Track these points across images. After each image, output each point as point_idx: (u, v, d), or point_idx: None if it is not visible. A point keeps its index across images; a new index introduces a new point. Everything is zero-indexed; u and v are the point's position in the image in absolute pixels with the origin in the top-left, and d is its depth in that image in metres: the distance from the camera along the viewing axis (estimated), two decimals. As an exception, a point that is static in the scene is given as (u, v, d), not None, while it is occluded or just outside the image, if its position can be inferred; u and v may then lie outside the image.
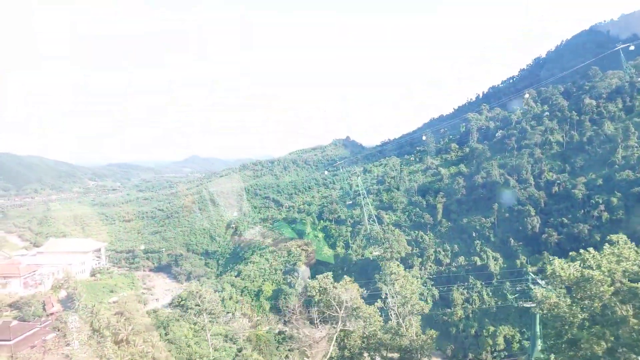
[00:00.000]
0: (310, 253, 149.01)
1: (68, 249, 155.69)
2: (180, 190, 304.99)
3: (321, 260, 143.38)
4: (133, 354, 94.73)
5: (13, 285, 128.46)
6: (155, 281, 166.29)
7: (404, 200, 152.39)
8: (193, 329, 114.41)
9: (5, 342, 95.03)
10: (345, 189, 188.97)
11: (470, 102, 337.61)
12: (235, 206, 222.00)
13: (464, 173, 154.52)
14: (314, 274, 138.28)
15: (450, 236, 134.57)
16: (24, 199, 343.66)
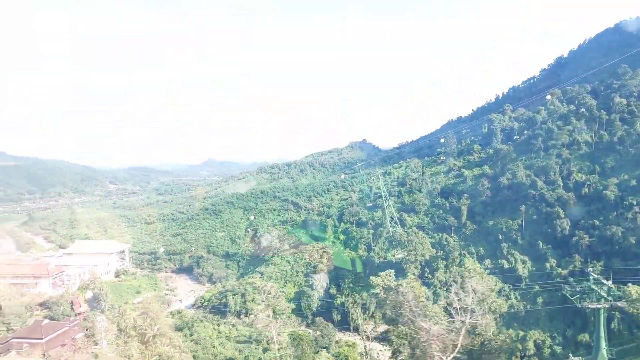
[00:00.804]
0: (331, 255, 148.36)
1: (93, 250, 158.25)
2: (198, 193, 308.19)
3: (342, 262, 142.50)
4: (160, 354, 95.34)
5: (42, 286, 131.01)
6: (177, 282, 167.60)
7: (426, 203, 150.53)
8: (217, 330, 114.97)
9: (37, 340, 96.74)
10: (365, 191, 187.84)
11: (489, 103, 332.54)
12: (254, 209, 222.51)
13: (488, 174, 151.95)
14: (336, 276, 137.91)
15: (475, 239, 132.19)
16: (49, 202, 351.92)
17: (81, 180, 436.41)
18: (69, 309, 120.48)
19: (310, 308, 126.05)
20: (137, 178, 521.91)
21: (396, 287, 44.26)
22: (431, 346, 33.39)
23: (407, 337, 41.12)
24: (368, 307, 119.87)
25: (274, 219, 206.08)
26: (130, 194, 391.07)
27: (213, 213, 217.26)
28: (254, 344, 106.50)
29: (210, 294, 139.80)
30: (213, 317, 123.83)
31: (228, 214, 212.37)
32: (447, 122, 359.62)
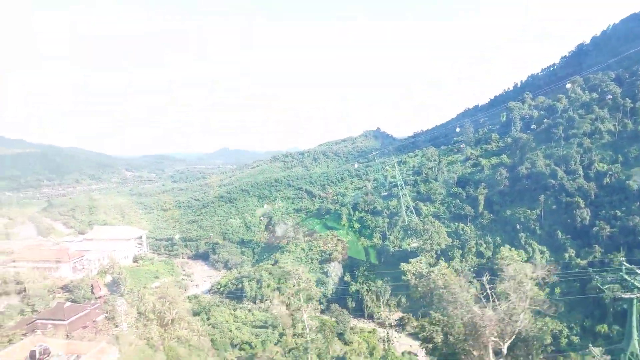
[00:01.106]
0: (345, 244, 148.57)
1: (112, 236, 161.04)
2: (213, 181, 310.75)
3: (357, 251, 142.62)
4: (179, 337, 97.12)
5: (63, 270, 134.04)
6: (193, 268, 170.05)
7: (442, 192, 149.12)
8: (233, 315, 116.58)
9: (60, 321, 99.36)
10: (380, 180, 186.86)
11: (507, 91, 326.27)
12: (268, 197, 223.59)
13: (506, 164, 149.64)
14: (351, 264, 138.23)
15: (492, 228, 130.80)
16: (67, 189, 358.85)
17: (97, 168, 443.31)
18: (90, 292, 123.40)
19: (325, 295, 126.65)
20: (152, 166, 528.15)
21: (428, 273, 43.88)
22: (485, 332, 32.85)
23: (440, 324, 40.84)
24: (383, 295, 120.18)
25: (288, 207, 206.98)
26: (146, 181, 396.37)
27: (228, 201, 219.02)
28: (270, 328, 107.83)
29: (227, 280, 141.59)
30: (229, 302, 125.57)
31: (243, 202, 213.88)
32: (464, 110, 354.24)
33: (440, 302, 41.73)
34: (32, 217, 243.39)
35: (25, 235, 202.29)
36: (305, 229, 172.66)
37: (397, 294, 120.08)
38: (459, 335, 39.24)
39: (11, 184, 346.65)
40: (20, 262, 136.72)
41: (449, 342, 39.78)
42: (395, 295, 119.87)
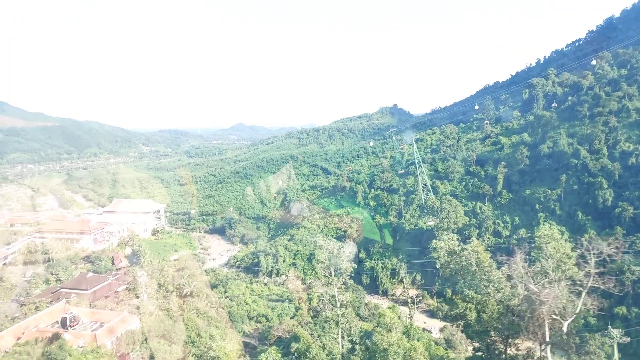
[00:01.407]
0: (360, 221, 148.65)
1: (131, 209, 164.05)
2: (229, 156, 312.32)
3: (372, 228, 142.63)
4: (197, 309, 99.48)
5: (85, 241, 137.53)
6: (210, 242, 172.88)
7: (460, 170, 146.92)
8: (250, 288, 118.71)
9: (83, 291, 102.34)
10: (397, 157, 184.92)
11: (529, 67, 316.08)
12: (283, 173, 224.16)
13: (527, 142, 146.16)
14: (366, 241, 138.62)
15: (511, 208, 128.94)
16: (85, 162, 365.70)
17: (115, 141, 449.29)
18: (110, 263, 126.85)
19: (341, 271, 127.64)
20: (168, 141, 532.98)
21: (460, 250, 43.51)
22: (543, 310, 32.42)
23: (474, 302, 40.64)
24: (397, 272, 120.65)
25: (303, 183, 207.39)
26: (162, 156, 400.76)
27: (244, 176, 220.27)
28: (286, 302, 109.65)
29: (243, 254, 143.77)
30: (245, 275, 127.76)
31: (258, 178, 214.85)
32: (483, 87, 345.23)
33: (473, 280, 41.45)
34: (53, 190, 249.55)
35: (48, 206, 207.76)
36: (320, 205, 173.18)
37: (412, 271, 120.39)
38: (492, 313, 38.95)
39: (32, 157, 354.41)
40: (45, 233, 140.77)
41: (483, 319, 39.53)
42: (410, 272, 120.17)
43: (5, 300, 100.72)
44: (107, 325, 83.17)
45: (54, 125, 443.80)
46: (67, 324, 71.20)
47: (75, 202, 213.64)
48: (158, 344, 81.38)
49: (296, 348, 56.39)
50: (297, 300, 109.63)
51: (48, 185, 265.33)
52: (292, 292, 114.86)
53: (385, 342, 34.07)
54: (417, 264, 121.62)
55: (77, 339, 73.30)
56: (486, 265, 41.87)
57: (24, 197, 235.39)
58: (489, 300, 39.94)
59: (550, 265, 35.61)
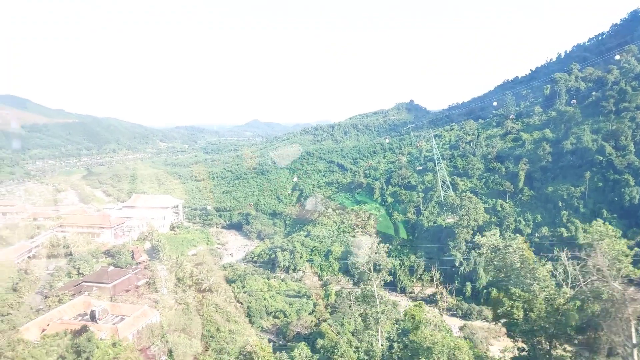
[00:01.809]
0: (377, 218, 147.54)
1: (150, 204, 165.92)
2: (245, 153, 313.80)
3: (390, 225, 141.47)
4: (216, 304, 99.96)
5: (105, 235, 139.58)
6: (227, 237, 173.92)
7: (480, 167, 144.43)
8: (267, 284, 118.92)
9: (104, 284, 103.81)
10: (415, 154, 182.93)
11: (550, 62, 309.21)
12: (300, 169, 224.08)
13: (549, 138, 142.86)
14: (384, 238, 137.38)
15: (533, 205, 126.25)
16: (104, 158, 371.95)
17: (133, 138, 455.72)
18: (130, 257, 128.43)
19: (357, 267, 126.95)
20: (184, 137, 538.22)
21: (505, 247, 42.45)
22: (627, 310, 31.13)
23: (521, 299, 39.61)
24: (416, 270, 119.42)
25: (319, 180, 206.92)
26: (179, 152, 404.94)
27: (260, 172, 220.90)
28: (304, 298, 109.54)
29: (260, 250, 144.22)
30: (263, 271, 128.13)
31: (275, 174, 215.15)
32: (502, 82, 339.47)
33: (518, 278, 40.36)
34: (74, 185, 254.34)
35: (69, 201, 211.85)
36: (337, 202, 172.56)
37: (431, 269, 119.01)
38: (540, 312, 37.81)
39: (53, 153, 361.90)
40: (66, 227, 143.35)
41: (531, 318, 38.35)
42: (429, 270, 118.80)
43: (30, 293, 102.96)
44: (128, 318, 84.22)
45: (74, 121, 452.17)
46: (96, 317, 72.27)
47: (95, 197, 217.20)
48: (178, 337, 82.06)
49: (322, 344, 55.94)
50: (315, 296, 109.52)
51: (69, 180, 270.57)
52: (309, 288, 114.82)
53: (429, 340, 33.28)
54: (436, 261, 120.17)
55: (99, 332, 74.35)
56: (531, 262, 40.67)
57: (46, 192, 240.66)
58: (536, 298, 38.77)
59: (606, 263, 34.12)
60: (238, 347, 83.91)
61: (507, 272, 41.75)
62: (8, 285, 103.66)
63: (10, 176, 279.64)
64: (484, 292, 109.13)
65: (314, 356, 53.17)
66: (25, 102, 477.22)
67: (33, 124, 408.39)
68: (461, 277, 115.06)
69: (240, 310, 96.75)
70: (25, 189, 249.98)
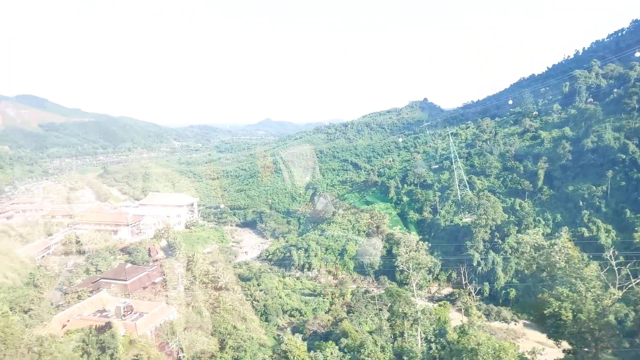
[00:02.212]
0: (393, 217, 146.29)
1: (166, 202, 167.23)
2: (258, 152, 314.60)
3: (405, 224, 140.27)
4: (233, 301, 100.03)
5: (122, 233, 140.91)
6: (242, 235, 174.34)
7: (498, 165, 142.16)
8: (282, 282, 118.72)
9: (122, 281, 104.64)
10: (430, 152, 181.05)
11: (567, 59, 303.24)
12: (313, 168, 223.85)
13: (568, 136, 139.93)
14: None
15: (552, 205, 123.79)
16: (120, 157, 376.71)
17: (148, 137, 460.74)
18: (147, 255, 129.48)
19: (373, 267, 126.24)
20: (198, 136, 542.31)
21: (550, 246, 41.39)
22: None
23: (569, 299, 38.56)
24: (433, 269, 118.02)
25: (333, 178, 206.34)
26: (193, 151, 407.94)
27: (274, 171, 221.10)
28: (319, 297, 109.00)
29: (275, 248, 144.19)
30: (278, 269, 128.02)
31: (288, 172, 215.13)
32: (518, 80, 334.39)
33: (563, 278, 39.29)
34: (90, 183, 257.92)
35: (86, 199, 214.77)
36: (351, 201, 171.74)
37: (448, 268, 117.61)
38: (589, 314, 36.71)
39: (70, 151, 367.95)
40: (84, 225, 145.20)
41: (580, 320, 37.13)
42: (446, 270, 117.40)
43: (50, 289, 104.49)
44: (146, 315, 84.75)
45: (91, 121, 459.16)
46: (122, 313, 72.89)
47: (112, 196, 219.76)
48: (195, 334, 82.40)
49: (346, 344, 55.30)
50: (331, 295, 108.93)
51: (85, 178, 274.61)
52: (324, 287, 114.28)
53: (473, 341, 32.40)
54: (453, 261, 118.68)
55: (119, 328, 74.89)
56: (577, 261, 39.51)
57: (63, 189, 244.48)
58: (585, 299, 37.58)
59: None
60: (255, 345, 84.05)
61: (552, 272, 40.53)
62: (29, 281, 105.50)
63: (29, 174, 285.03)
64: (503, 293, 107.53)
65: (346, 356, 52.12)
66: (44, 101, 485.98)
67: (50, 123, 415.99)
68: (479, 277, 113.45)
69: (256, 308, 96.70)
70: (43, 187, 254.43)
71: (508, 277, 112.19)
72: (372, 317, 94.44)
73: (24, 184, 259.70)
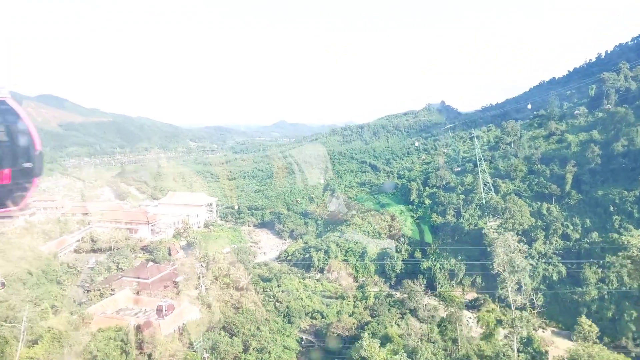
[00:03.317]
0: (415, 219, 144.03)
1: (185, 201, 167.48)
2: (274, 152, 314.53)
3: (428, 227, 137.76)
4: (255, 301, 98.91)
5: (142, 231, 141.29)
6: (260, 236, 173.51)
7: (523, 168, 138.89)
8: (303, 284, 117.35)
9: (144, 280, 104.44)
10: (451, 154, 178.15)
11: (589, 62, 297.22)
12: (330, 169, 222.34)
13: (597, 140, 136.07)
14: (421, 240, 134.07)
15: (581, 209, 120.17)
16: (137, 156, 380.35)
17: (165, 137, 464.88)
18: (167, 254, 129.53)
19: (394, 270, 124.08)
20: (213, 137, 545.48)
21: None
22: None
23: None
24: (456, 274, 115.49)
25: (351, 180, 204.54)
26: (209, 152, 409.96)
27: (291, 172, 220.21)
28: (340, 299, 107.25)
29: (294, 249, 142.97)
30: (298, 270, 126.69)
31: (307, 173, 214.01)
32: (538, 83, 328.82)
33: None
34: (109, 182, 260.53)
35: (105, 198, 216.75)
36: (370, 202, 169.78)
37: (472, 273, 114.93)
38: None
39: (89, 150, 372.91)
40: (105, 223, 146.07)
41: None
42: (470, 275, 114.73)
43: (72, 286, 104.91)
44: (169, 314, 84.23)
45: (108, 120, 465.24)
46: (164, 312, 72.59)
47: (130, 194, 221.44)
48: (219, 335, 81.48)
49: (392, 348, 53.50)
50: (353, 298, 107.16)
51: (104, 177, 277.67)
52: (346, 290, 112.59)
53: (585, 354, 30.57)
54: (478, 265, 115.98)
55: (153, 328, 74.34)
56: None
57: (83, 188, 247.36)
58: None
59: None
60: (279, 347, 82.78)
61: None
62: (52, 278, 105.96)
63: (49, 172, 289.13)
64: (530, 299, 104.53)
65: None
66: (64, 101, 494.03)
67: (70, 123, 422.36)
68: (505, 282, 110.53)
69: (279, 309, 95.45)
70: (63, 185, 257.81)
71: (535, 282, 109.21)
72: (397, 320, 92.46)
73: (44, 182, 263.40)
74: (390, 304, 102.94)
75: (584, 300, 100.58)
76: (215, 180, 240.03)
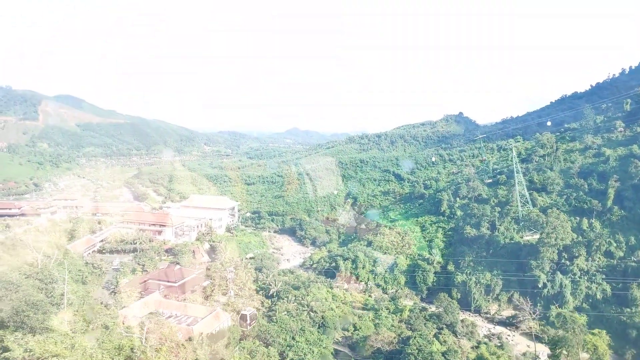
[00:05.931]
0: (447, 231, 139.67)
1: (207, 205, 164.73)
2: (290, 159, 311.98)
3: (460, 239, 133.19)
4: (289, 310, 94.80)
5: (166, 234, 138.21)
6: (281, 242, 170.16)
7: (559, 182, 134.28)
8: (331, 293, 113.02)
9: (172, 283, 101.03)
10: (482, 166, 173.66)
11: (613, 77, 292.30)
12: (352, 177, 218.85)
13: (637, 155, 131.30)
14: (454, 252, 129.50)
15: (625, 226, 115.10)
16: (153, 159, 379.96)
17: (180, 140, 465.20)
18: (192, 257, 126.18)
19: (426, 283, 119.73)
20: (227, 142, 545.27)
21: None
22: None
23: None
24: (493, 289, 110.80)
25: (374, 188, 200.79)
26: (224, 156, 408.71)
27: (312, 179, 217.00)
28: (372, 311, 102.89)
29: (319, 257, 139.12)
30: (325, 279, 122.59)
31: (327, 180, 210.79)
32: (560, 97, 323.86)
33: None
34: (127, 183, 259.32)
35: (124, 199, 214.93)
36: (396, 212, 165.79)
37: (509, 289, 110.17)
38: None
39: (105, 151, 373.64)
40: (127, 224, 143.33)
41: None
42: (507, 290, 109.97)
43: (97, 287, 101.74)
44: (201, 320, 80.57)
45: (125, 122, 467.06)
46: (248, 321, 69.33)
47: (149, 196, 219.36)
48: (253, 344, 77.67)
49: None
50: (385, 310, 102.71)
51: (121, 178, 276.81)
52: (377, 302, 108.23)
53: None
54: (515, 281, 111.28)
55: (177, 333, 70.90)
56: None
57: (101, 188, 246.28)
58: None
59: None
60: (317, 359, 78.66)
61: None
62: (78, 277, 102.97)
63: (67, 172, 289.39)
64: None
65: None
66: (81, 102, 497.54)
67: (87, 123, 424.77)
68: (544, 299, 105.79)
69: (313, 319, 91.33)
70: (81, 184, 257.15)
71: (577, 301, 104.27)
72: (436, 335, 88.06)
73: (63, 181, 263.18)
74: (425, 317, 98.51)
75: (633, 321, 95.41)
76: (234, 185, 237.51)
